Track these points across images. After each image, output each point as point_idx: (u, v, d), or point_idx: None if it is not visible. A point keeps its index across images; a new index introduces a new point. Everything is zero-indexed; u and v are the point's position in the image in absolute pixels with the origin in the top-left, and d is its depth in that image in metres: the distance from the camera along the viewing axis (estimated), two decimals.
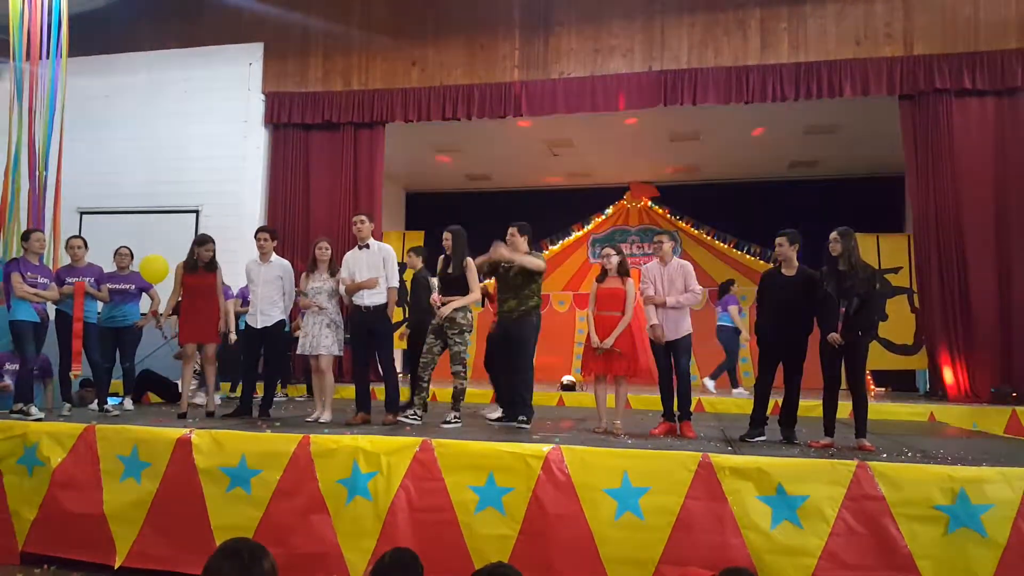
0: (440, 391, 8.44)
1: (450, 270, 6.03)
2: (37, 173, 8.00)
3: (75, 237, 6.81)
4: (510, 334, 5.98)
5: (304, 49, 10.61)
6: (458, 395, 6.02)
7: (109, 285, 6.76)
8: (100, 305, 6.80)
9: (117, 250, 7.10)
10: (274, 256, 6.52)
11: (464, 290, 5.94)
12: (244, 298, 7.28)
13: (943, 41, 8.87)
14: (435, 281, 6.07)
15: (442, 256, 6.21)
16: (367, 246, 6.17)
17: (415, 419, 5.90)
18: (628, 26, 9.69)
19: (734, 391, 9.51)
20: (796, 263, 5.49)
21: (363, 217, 6.22)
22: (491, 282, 6.30)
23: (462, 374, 6.01)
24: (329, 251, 6.35)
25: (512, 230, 6.01)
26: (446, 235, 6.15)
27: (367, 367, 6.30)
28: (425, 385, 6.11)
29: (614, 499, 4.33)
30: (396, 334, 6.86)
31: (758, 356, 5.66)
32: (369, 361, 6.28)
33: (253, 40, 10.65)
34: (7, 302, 6.18)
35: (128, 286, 6.96)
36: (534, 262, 5.85)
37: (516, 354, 5.96)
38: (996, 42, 8.74)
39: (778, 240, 5.51)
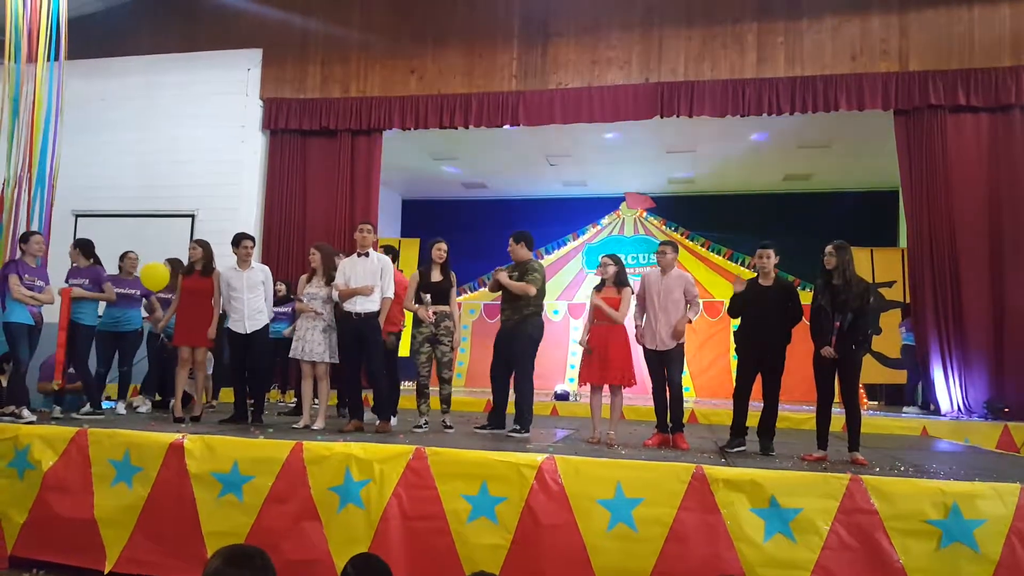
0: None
1: (437, 279, 6.20)
2: (28, 175, 7.97)
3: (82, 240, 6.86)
4: (507, 342, 6.17)
5: (303, 55, 10.63)
6: (448, 399, 6.32)
7: (115, 289, 6.80)
8: (101, 308, 6.78)
9: (126, 254, 7.12)
10: (254, 262, 6.54)
11: (448, 299, 6.25)
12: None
13: (938, 58, 8.95)
14: (427, 296, 6.12)
15: (423, 268, 6.32)
16: (366, 255, 6.18)
17: (423, 429, 6.11)
18: (626, 38, 9.74)
19: (905, 409, 9.43)
20: (773, 273, 5.59)
21: (370, 227, 6.29)
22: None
23: (451, 379, 6.35)
24: (317, 256, 6.35)
25: (510, 241, 6.29)
26: (442, 246, 6.26)
27: (359, 375, 6.30)
28: (428, 392, 6.30)
29: (607, 510, 4.33)
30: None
31: (736, 366, 5.68)
32: (360, 368, 6.27)
33: (252, 46, 10.67)
34: (2, 304, 6.15)
35: (134, 291, 6.99)
36: (521, 287, 6.02)
37: (514, 360, 6.12)
38: (990, 59, 8.82)
39: (765, 252, 5.56)
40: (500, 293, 6.28)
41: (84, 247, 6.74)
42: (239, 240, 6.45)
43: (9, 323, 6.06)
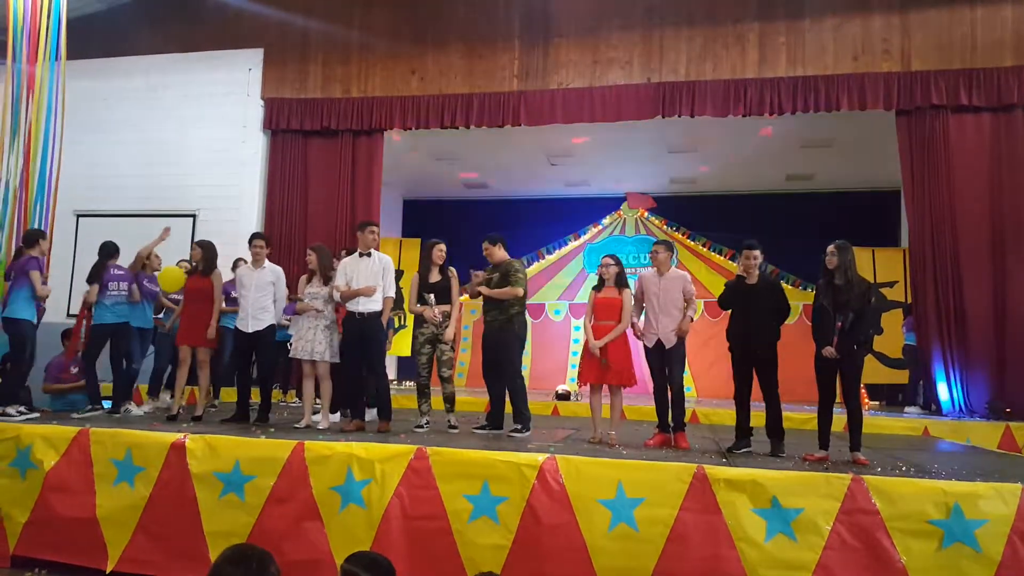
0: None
1: (435, 279, 6.18)
2: (26, 174, 7.99)
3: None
4: (494, 343, 6.16)
5: (304, 56, 10.64)
6: (452, 398, 6.29)
7: (153, 288, 6.99)
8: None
9: (151, 254, 7.21)
10: (266, 262, 6.55)
11: (448, 297, 6.21)
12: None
13: (940, 58, 8.94)
14: (431, 296, 6.11)
15: (421, 270, 6.30)
16: (368, 254, 6.18)
17: (424, 428, 6.07)
18: (627, 38, 9.74)
19: (907, 408, 9.49)
20: (757, 272, 5.63)
21: (378, 228, 6.32)
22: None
23: (451, 378, 6.31)
24: (312, 256, 6.37)
25: (485, 244, 6.29)
26: (442, 247, 6.26)
27: (361, 374, 6.29)
28: (429, 392, 6.28)
29: (608, 510, 4.33)
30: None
31: (732, 366, 5.67)
32: (362, 368, 6.27)
33: (253, 46, 10.68)
34: (6, 300, 6.18)
35: (159, 289, 7.08)
36: (507, 292, 6.02)
37: (503, 362, 6.11)
38: (992, 60, 8.82)
39: (754, 253, 5.60)
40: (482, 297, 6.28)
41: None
42: (251, 240, 6.54)
43: (20, 320, 6.09)
